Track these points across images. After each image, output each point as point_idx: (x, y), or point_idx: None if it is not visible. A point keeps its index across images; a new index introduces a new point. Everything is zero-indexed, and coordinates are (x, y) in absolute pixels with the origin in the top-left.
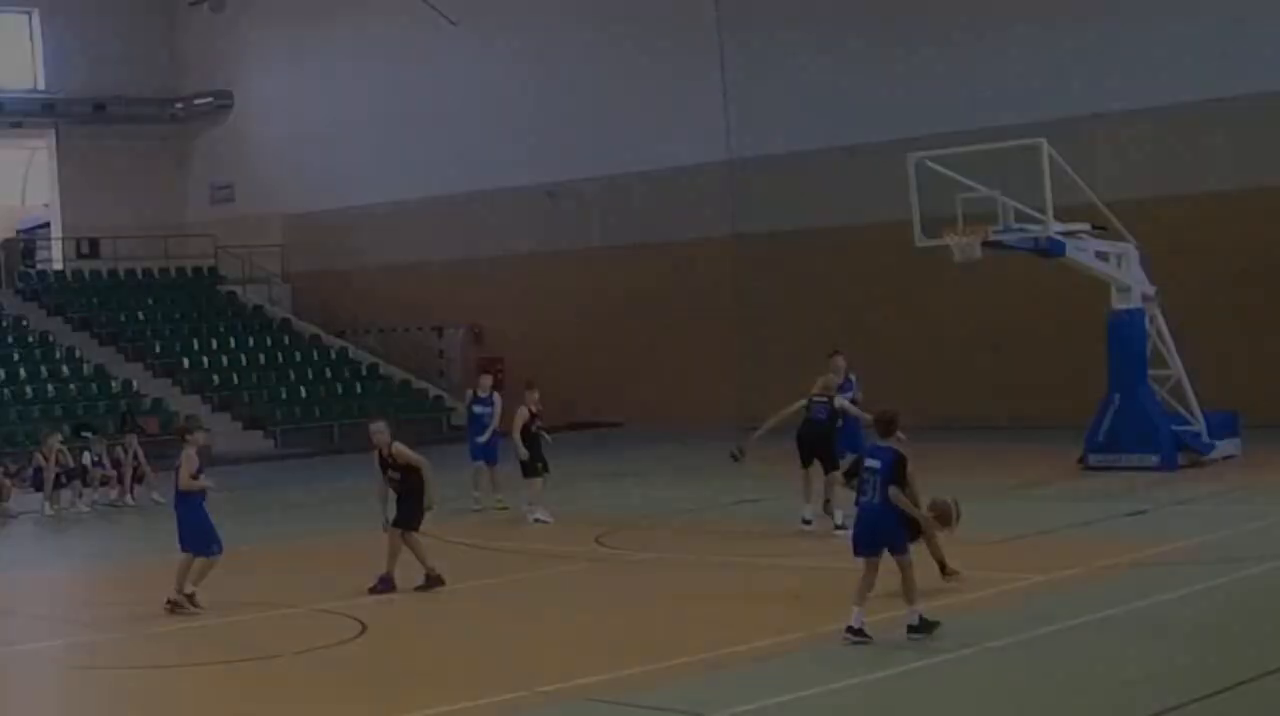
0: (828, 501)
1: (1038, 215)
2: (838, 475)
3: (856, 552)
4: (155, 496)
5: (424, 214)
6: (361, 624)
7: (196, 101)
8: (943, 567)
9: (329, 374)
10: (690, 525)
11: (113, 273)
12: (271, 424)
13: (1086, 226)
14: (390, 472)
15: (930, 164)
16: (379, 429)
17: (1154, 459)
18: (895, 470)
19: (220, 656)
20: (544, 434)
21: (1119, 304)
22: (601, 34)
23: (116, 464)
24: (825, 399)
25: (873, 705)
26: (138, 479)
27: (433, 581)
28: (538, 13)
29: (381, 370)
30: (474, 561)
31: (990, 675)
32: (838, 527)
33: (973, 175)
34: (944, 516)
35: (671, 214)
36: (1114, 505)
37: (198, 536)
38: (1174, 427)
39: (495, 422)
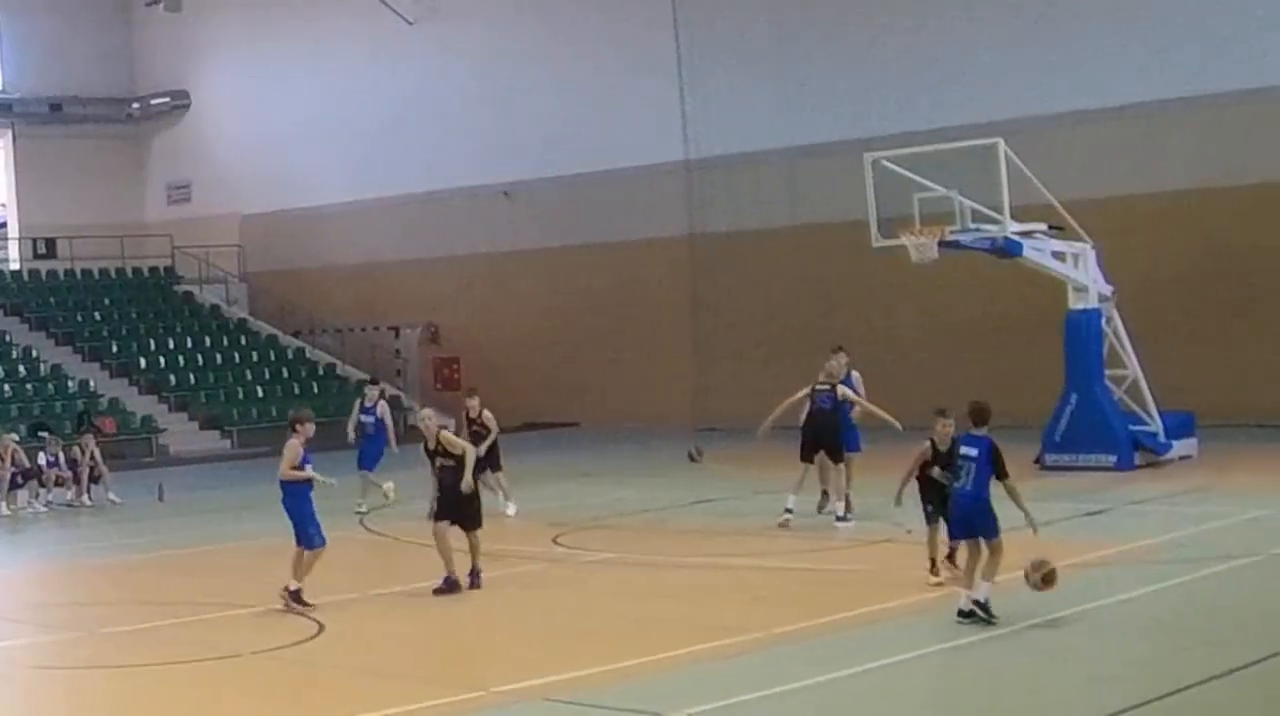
0: (825, 492)
1: (995, 215)
2: (847, 464)
3: (953, 537)
4: (112, 496)
5: (381, 214)
6: (319, 624)
7: (153, 101)
8: (934, 566)
9: (286, 374)
10: (648, 525)
11: (70, 273)
12: (228, 424)
13: (1043, 226)
14: (441, 461)
15: (887, 164)
16: (428, 415)
17: (1111, 459)
18: (994, 458)
19: (178, 656)
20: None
21: (1076, 304)
22: (558, 34)
23: (73, 464)
24: (829, 387)
25: (830, 704)
26: (94, 479)
27: (473, 579)
28: (494, 13)
29: (338, 370)
30: (431, 561)
31: (947, 675)
32: (839, 519)
33: (930, 175)
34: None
35: (628, 214)
36: (1071, 505)
37: (298, 529)
38: (1131, 428)
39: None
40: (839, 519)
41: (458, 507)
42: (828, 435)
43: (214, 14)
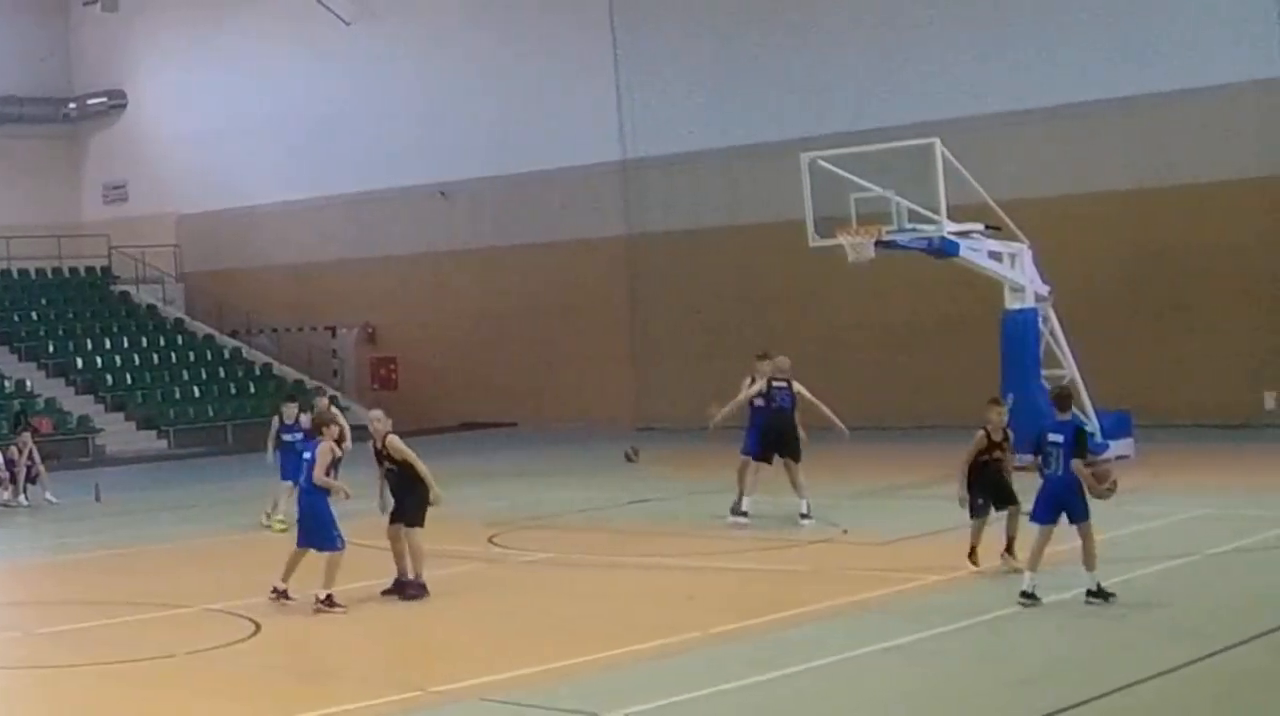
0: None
1: (931, 215)
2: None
3: (1034, 519)
4: (49, 496)
5: (318, 213)
6: (256, 624)
7: (90, 101)
8: (974, 553)
9: (222, 374)
10: (585, 525)
11: (5, 273)
12: (165, 424)
13: (980, 226)
14: (386, 465)
15: (824, 164)
16: (376, 417)
17: None
18: (1078, 442)
19: (114, 656)
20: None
21: (1012, 303)
22: (495, 33)
23: (10, 464)
24: (786, 384)
25: (766, 705)
26: (31, 479)
27: (405, 588)
28: (431, 12)
29: (275, 370)
30: (368, 561)
31: (884, 675)
32: (804, 517)
33: (866, 175)
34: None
35: (565, 214)
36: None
37: (317, 531)
38: None
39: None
40: (804, 517)
41: (401, 506)
42: (790, 435)
43: (151, 14)
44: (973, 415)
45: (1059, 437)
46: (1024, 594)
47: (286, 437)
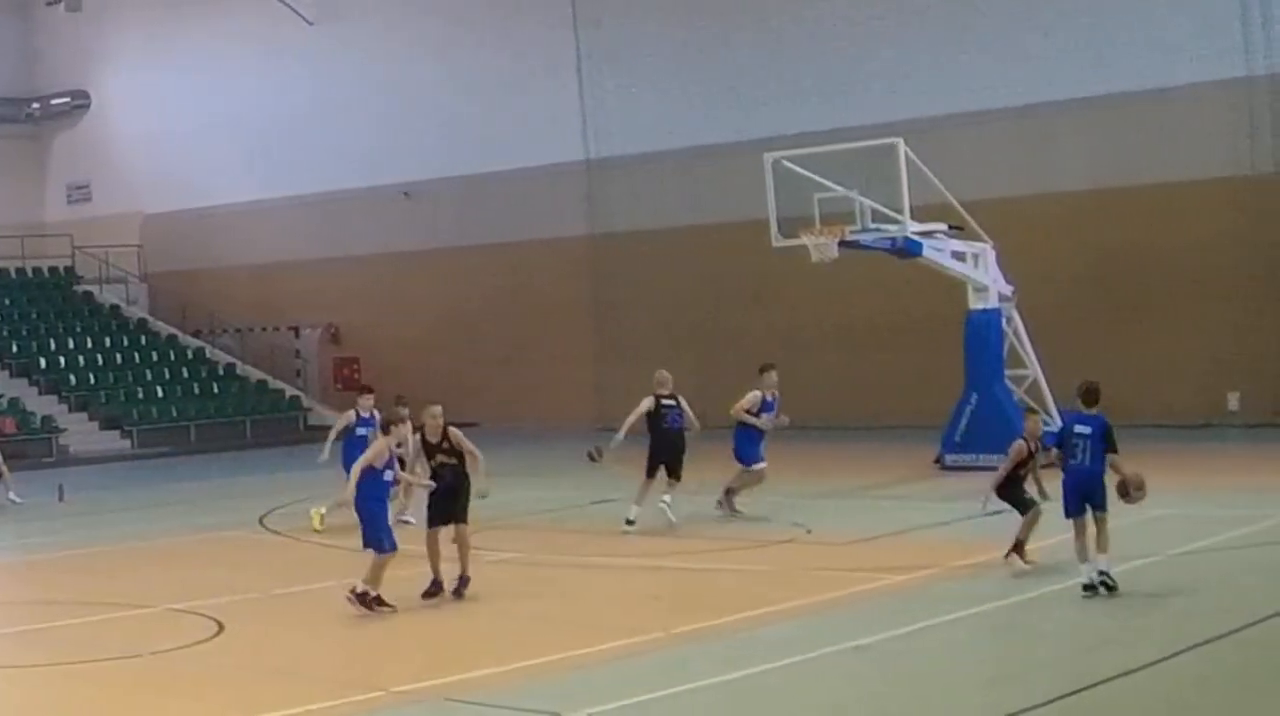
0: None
1: (894, 215)
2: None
3: (1070, 513)
4: (12, 496)
5: (281, 214)
6: (219, 624)
7: (53, 101)
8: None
9: (186, 374)
10: (548, 525)
11: None
12: (128, 423)
13: (943, 226)
14: (441, 457)
15: (787, 164)
16: (436, 412)
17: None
18: (1108, 436)
19: (77, 656)
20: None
21: (976, 304)
22: (458, 34)
23: None
24: (674, 402)
25: (730, 705)
26: None
27: (459, 586)
28: (394, 13)
29: (238, 370)
30: (332, 561)
31: (849, 675)
32: (629, 523)
33: (830, 175)
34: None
35: (528, 214)
36: (971, 505)
37: (369, 532)
38: None
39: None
40: (629, 523)
41: (452, 505)
42: (679, 456)
43: (114, 14)
44: (936, 415)
45: (1086, 429)
46: (1087, 586)
47: (362, 431)
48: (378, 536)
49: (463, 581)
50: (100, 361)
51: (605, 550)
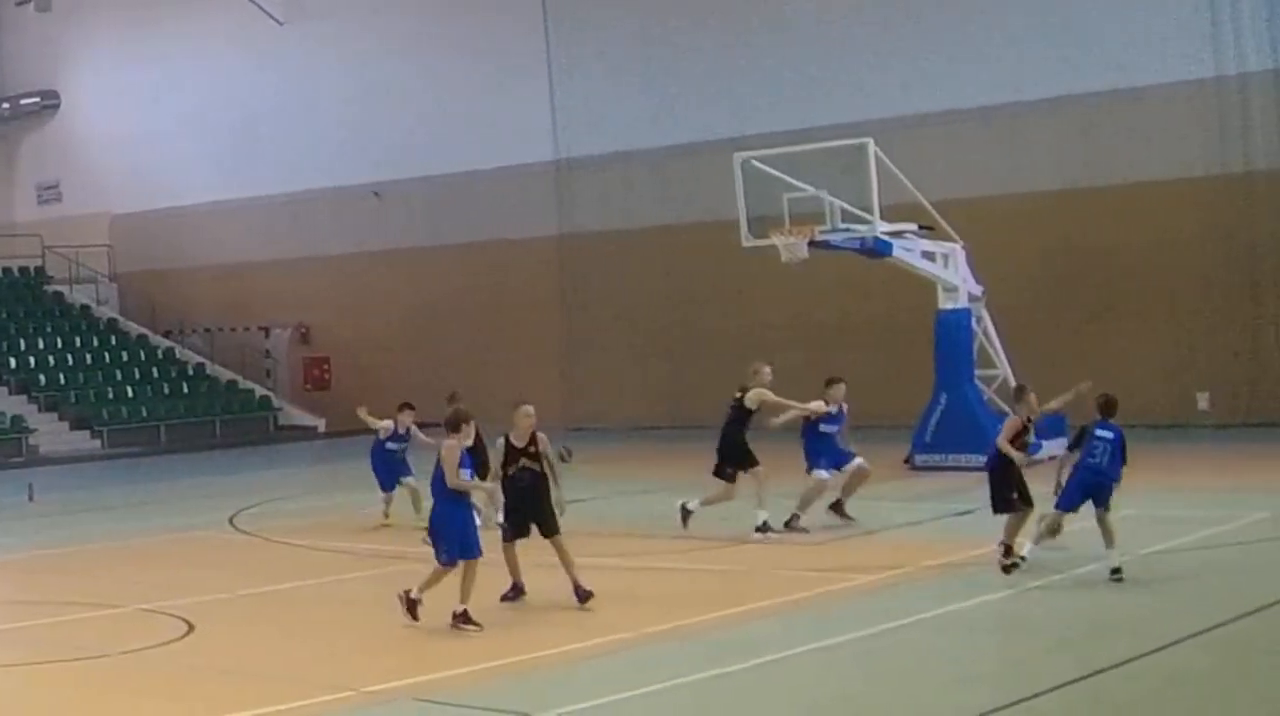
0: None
1: (864, 215)
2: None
3: (1062, 506)
4: None
5: (251, 213)
6: (189, 624)
7: (23, 101)
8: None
9: (156, 374)
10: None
11: None
12: (98, 424)
13: (913, 226)
14: (523, 464)
15: (757, 164)
16: (529, 412)
17: (981, 459)
18: (1125, 446)
19: (46, 656)
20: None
21: (946, 304)
22: (428, 34)
23: None
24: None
25: (699, 705)
26: None
27: (578, 593)
28: (364, 14)
29: (208, 370)
30: (301, 561)
31: (820, 675)
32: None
33: (800, 175)
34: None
35: (498, 214)
36: (940, 505)
37: (459, 539)
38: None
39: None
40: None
41: (535, 512)
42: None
43: (84, 14)
44: (906, 415)
45: (1109, 435)
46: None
47: (392, 447)
48: (469, 542)
49: (580, 592)
50: (70, 361)
51: (575, 550)
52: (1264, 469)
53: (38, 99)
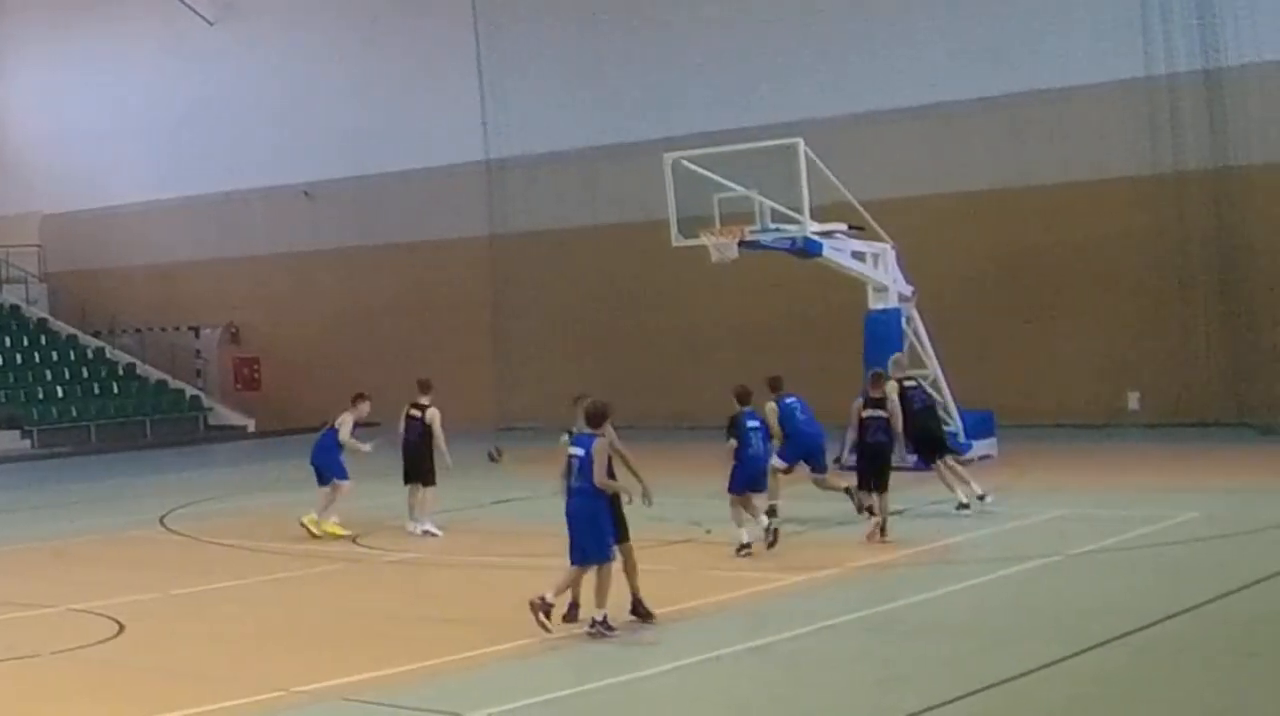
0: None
1: (795, 215)
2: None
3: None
4: None
5: (181, 213)
6: (119, 624)
7: None
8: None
9: (86, 374)
10: (448, 525)
11: None
12: (28, 423)
13: (843, 226)
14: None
15: (687, 164)
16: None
17: (911, 459)
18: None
19: None
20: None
21: (876, 303)
22: (359, 34)
23: None
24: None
25: (629, 705)
26: None
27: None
28: (295, 13)
29: (139, 370)
30: (232, 561)
31: (747, 676)
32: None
33: (731, 175)
34: None
35: (428, 214)
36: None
37: (597, 541)
38: None
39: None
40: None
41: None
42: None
43: (13, 14)
44: (836, 415)
45: (756, 423)
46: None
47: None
48: (605, 544)
49: (639, 606)
50: (0, 362)
51: (506, 550)
52: (1194, 469)
53: None
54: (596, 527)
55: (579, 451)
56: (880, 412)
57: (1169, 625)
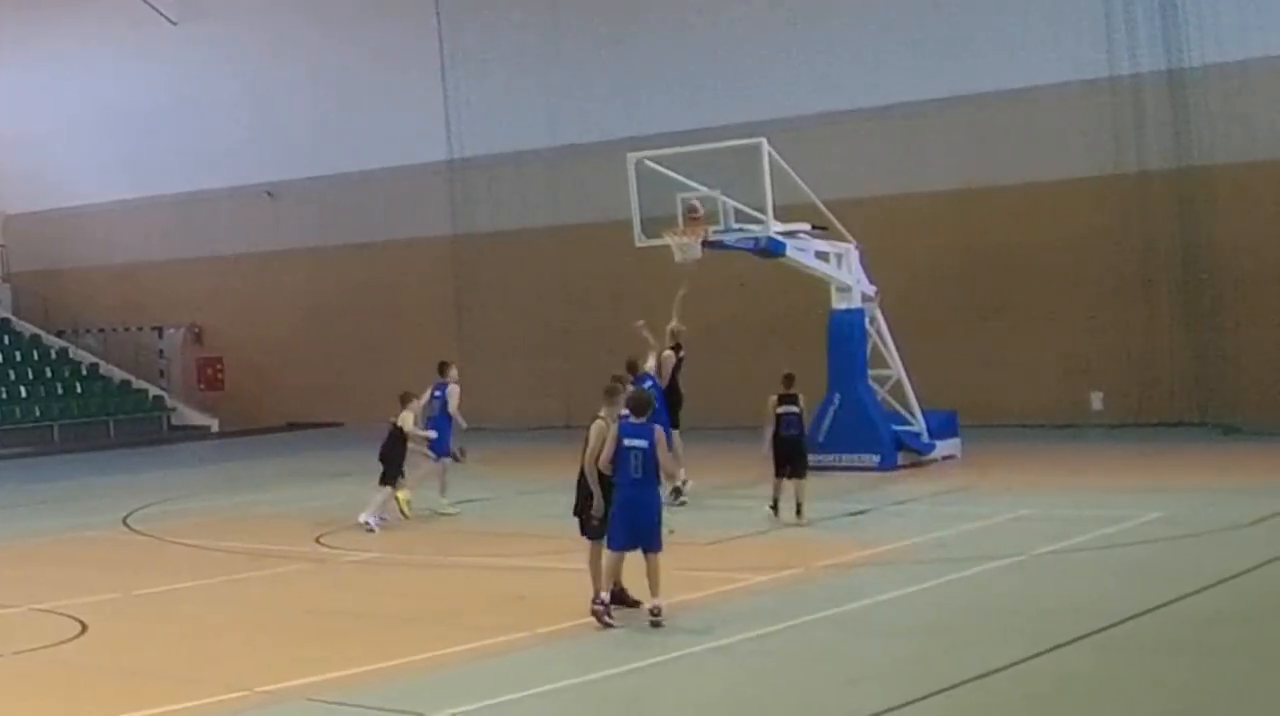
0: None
1: (758, 215)
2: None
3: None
4: None
5: (145, 213)
6: (82, 624)
7: None
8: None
9: (49, 374)
10: (412, 525)
11: None
12: None
13: (807, 226)
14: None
15: (650, 164)
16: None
17: (874, 459)
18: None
19: None
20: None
21: (839, 304)
22: (322, 34)
23: None
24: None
25: (593, 705)
26: None
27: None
28: (258, 13)
29: (102, 370)
30: (195, 561)
31: (713, 674)
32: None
33: (694, 175)
34: None
35: (391, 214)
36: (834, 505)
37: (651, 529)
38: (894, 428)
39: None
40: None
41: None
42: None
43: None
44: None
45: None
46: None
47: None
48: (658, 536)
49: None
50: None
51: (470, 550)
52: (1157, 469)
53: None
54: (660, 517)
55: (641, 442)
56: (793, 408)
57: (1132, 624)
